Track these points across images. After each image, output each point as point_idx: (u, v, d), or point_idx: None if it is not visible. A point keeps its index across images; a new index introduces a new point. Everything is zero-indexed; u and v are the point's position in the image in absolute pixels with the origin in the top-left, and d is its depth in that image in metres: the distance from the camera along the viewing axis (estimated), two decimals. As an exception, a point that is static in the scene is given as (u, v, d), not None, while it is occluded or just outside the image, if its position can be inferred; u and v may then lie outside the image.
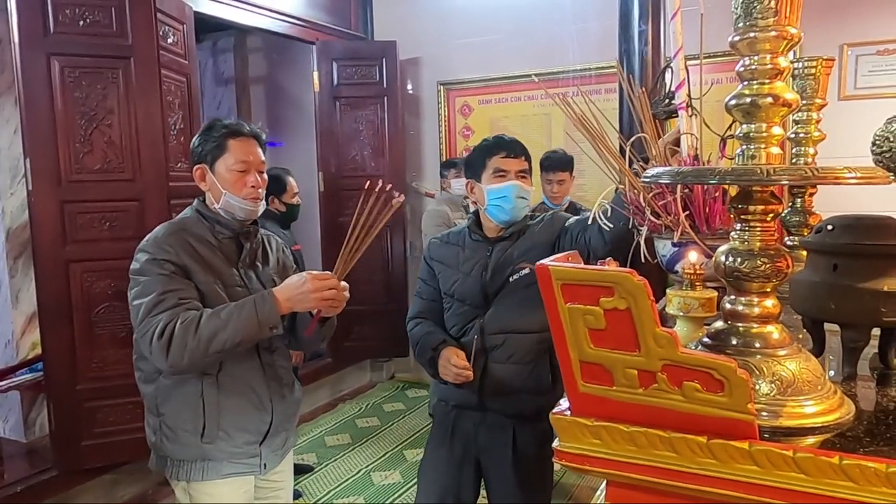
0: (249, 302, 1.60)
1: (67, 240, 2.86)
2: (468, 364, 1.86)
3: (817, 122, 1.43)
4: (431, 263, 2.08)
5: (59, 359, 2.89)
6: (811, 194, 1.50)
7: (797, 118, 1.43)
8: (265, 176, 1.80)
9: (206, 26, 4.15)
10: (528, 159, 1.99)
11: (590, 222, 1.85)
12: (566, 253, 0.85)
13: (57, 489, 2.96)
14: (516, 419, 1.90)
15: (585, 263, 1.78)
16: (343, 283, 1.68)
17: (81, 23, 2.83)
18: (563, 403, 0.79)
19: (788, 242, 1.44)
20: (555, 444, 0.78)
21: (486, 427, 1.96)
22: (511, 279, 1.90)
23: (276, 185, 3.25)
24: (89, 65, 2.85)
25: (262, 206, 1.80)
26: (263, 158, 1.82)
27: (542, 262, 0.72)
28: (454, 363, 1.86)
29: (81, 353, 2.91)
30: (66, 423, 2.93)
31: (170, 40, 3.14)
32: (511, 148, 1.96)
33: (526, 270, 1.84)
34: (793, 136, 1.43)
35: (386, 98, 4.58)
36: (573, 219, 1.93)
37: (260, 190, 1.77)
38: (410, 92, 4.85)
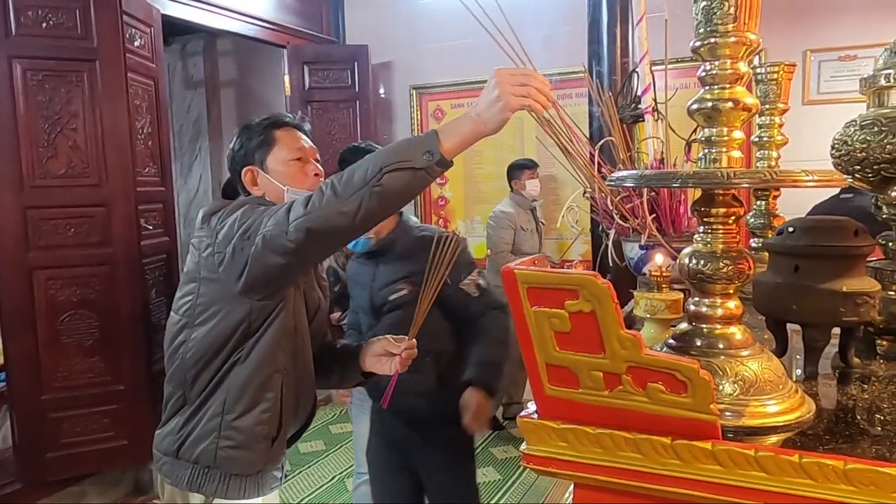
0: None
1: (31, 246, 2.80)
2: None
3: (780, 126, 1.45)
4: (347, 281, 2.16)
5: (22, 368, 2.82)
6: (775, 197, 1.52)
7: (760, 122, 1.45)
8: (321, 168, 1.59)
9: (175, 29, 4.09)
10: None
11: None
12: (532, 257, 0.85)
13: (21, 502, 2.88)
14: (417, 425, 1.94)
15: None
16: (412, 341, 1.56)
17: (45, 24, 2.77)
18: (531, 406, 0.79)
19: (753, 244, 1.47)
20: (522, 447, 0.78)
21: (396, 432, 2.01)
22: (391, 298, 1.87)
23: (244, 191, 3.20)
24: (53, 67, 2.80)
25: None
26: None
27: (508, 265, 0.72)
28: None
29: (46, 362, 2.85)
30: (30, 435, 2.86)
31: (136, 43, 3.09)
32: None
33: (404, 292, 1.83)
34: (756, 139, 1.46)
35: (358, 102, 4.56)
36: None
37: (322, 180, 1.50)
38: (383, 96, 4.84)
